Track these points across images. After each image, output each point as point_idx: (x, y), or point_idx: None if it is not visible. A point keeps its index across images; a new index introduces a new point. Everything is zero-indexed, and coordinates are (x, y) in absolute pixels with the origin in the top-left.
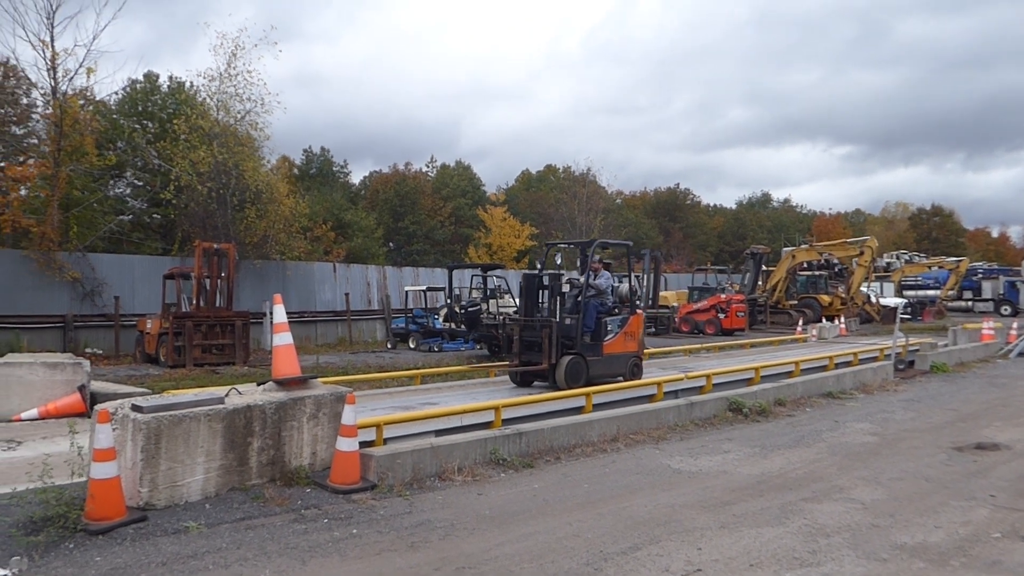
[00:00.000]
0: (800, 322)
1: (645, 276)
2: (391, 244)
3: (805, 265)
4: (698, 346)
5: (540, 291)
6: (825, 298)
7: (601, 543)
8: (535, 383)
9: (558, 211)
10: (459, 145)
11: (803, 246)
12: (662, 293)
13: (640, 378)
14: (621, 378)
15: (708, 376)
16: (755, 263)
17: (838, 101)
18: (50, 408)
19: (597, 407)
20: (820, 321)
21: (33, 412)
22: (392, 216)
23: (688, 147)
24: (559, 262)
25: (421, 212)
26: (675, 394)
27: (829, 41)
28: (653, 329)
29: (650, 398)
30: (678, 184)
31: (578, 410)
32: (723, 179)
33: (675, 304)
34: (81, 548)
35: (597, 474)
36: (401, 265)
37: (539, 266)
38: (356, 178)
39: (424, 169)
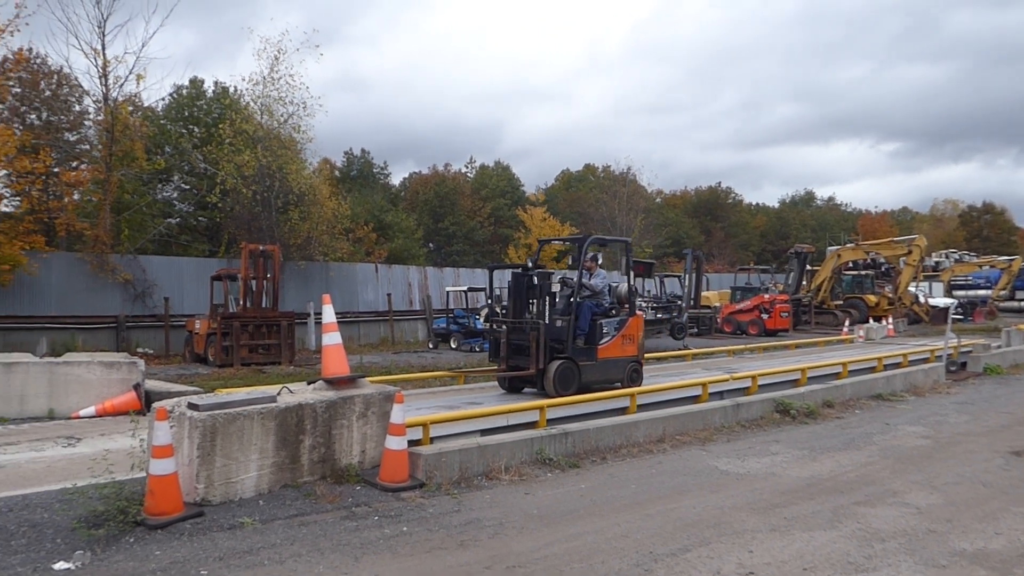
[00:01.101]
0: (846, 323)
1: (687, 276)
2: (431, 245)
3: (851, 264)
4: (742, 347)
5: (529, 291)
6: (872, 298)
7: (650, 544)
8: (524, 389)
9: (598, 211)
10: (500, 146)
11: (849, 245)
12: (704, 293)
13: (640, 384)
14: (619, 384)
15: (754, 377)
16: (799, 262)
17: (886, 96)
18: (107, 406)
19: (642, 407)
20: (867, 322)
21: (91, 410)
22: (432, 217)
23: (732, 145)
24: (599, 261)
25: (460, 213)
26: (720, 395)
27: (877, 35)
28: (695, 329)
29: (695, 399)
30: (719, 183)
31: (622, 410)
32: (767, 177)
33: (717, 304)
34: (141, 542)
35: (644, 475)
36: (441, 266)
37: (530, 264)
38: (396, 179)
39: (463, 170)
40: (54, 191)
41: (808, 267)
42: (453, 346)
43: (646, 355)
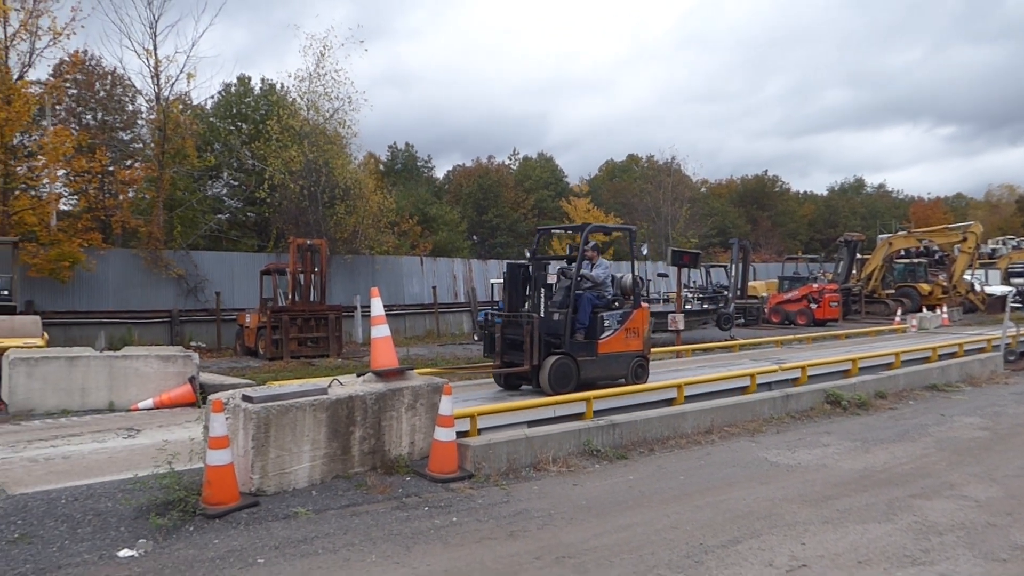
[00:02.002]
0: (898, 312)
1: (733, 266)
2: (475, 237)
3: (903, 253)
4: (790, 337)
5: (526, 283)
6: (924, 287)
7: (700, 535)
8: (522, 387)
9: (642, 201)
10: (545, 138)
11: (901, 232)
12: (751, 283)
13: (645, 381)
14: (623, 381)
15: (803, 368)
16: (849, 251)
17: (942, 79)
18: (164, 398)
19: (689, 399)
20: (919, 311)
21: (149, 402)
22: (475, 209)
23: (781, 133)
24: (645, 252)
25: (504, 205)
26: (769, 386)
27: (932, 17)
28: (742, 320)
29: (743, 390)
30: (766, 171)
31: (669, 402)
32: (816, 165)
33: (764, 294)
34: (200, 531)
35: (692, 466)
36: (485, 258)
37: (528, 254)
38: (440, 172)
39: (507, 162)
40: (110, 189)
41: (858, 256)
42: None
43: (692, 346)
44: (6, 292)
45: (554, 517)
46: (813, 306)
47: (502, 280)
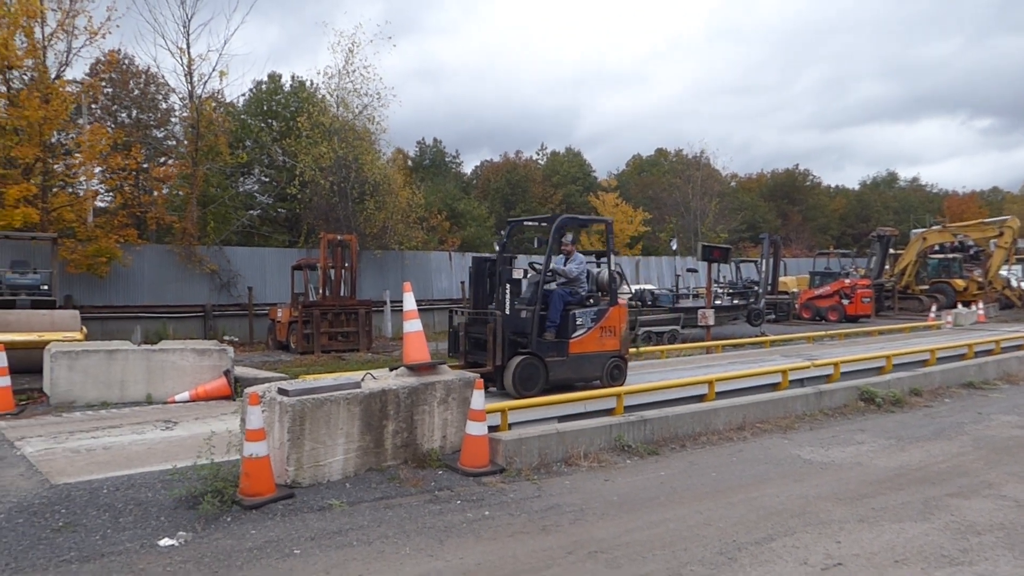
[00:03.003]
0: (933, 308)
1: (764, 261)
2: (503, 232)
3: (937, 248)
4: (821, 333)
5: (492, 278)
6: (959, 283)
7: (733, 532)
8: (489, 388)
9: (671, 195)
10: (575, 132)
11: (935, 227)
12: (781, 278)
13: (623, 383)
14: (598, 383)
15: (836, 364)
16: (882, 246)
17: (980, 70)
18: (200, 391)
19: (720, 395)
20: (954, 307)
21: (185, 395)
22: (503, 205)
23: (814, 126)
24: (674, 247)
25: (532, 200)
26: (801, 383)
27: (971, 6)
28: (773, 316)
29: (775, 386)
30: (797, 165)
31: (700, 398)
32: (850, 159)
33: (795, 290)
34: (238, 521)
35: (724, 463)
36: (514, 253)
37: (497, 248)
38: (467, 168)
39: (534, 157)
40: (144, 186)
41: (891, 251)
42: None
43: (722, 342)
44: (46, 287)
45: (586, 512)
46: (845, 302)
47: (469, 274)
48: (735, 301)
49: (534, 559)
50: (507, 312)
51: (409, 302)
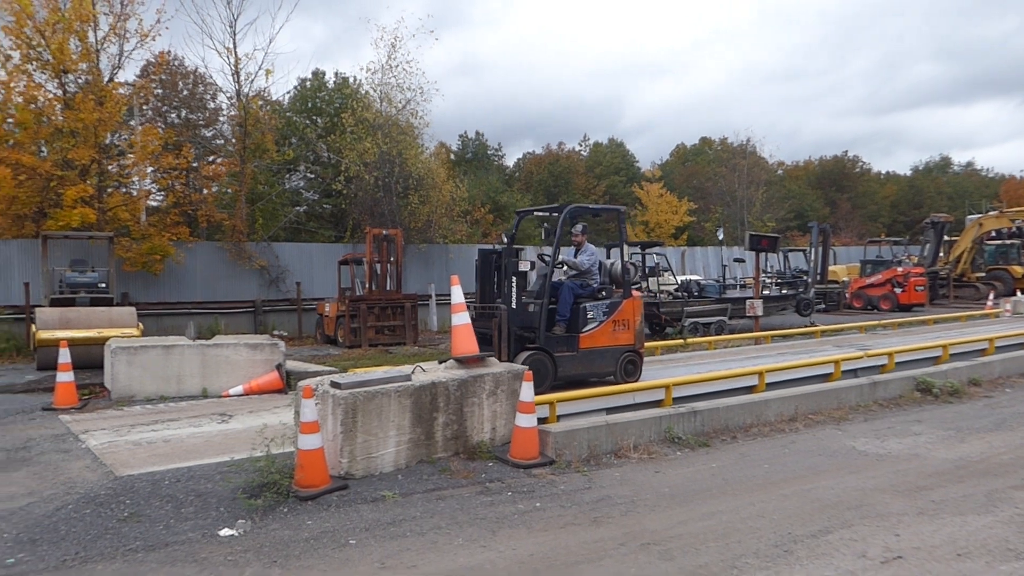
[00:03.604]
0: (990, 296)
1: (813, 250)
2: (546, 225)
3: (994, 234)
4: (874, 323)
5: (498, 271)
6: (1018, 269)
7: (788, 525)
8: None
9: (716, 185)
10: (619, 123)
11: (992, 213)
12: (831, 267)
13: (637, 378)
14: (612, 379)
15: (890, 354)
16: (936, 233)
17: None
18: (253, 385)
19: (771, 386)
20: (1013, 295)
21: (239, 389)
22: (546, 197)
23: (864, 111)
24: (720, 237)
25: (575, 192)
26: (854, 373)
27: None
28: (823, 306)
29: (827, 377)
30: (846, 152)
31: (750, 389)
32: (902, 144)
33: (845, 279)
34: (294, 512)
35: (777, 454)
36: (522, 245)
37: (505, 240)
38: (510, 161)
39: (577, 148)
40: (195, 185)
41: (946, 237)
42: None
43: (771, 332)
44: (103, 284)
45: (637, 504)
46: (898, 291)
47: (476, 267)
48: (784, 291)
49: (587, 550)
50: (513, 306)
51: (457, 295)
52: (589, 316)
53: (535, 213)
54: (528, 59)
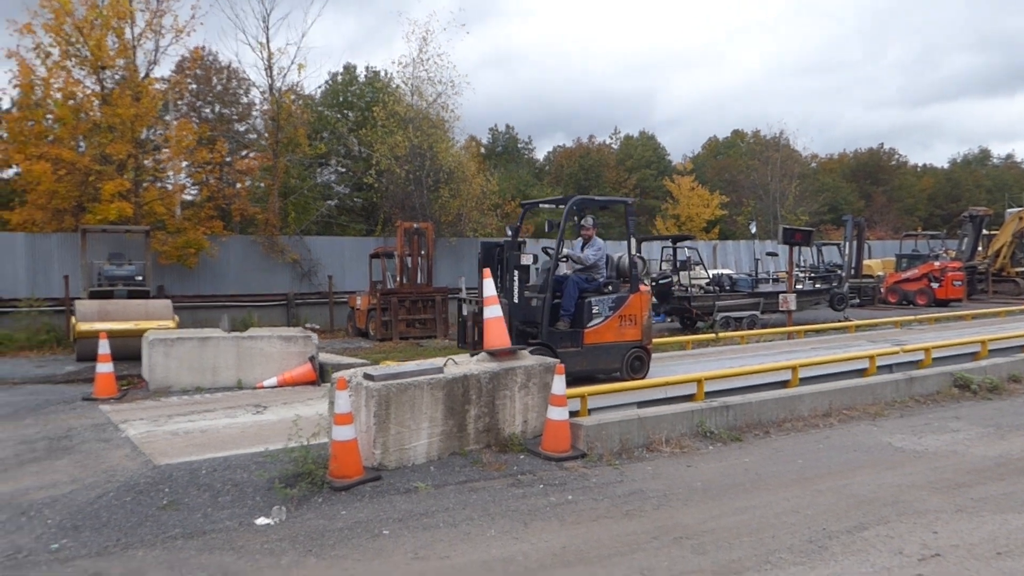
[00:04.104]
0: None
1: (847, 244)
2: (576, 218)
3: None
4: (909, 317)
5: (502, 264)
6: None
7: (823, 520)
8: None
9: (748, 178)
10: (651, 115)
11: None
12: (866, 261)
13: (644, 375)
14: (617, 375)
15: (927, 349)
16: (974, 227)
17: None
18: (286, 377)
19: (804, 381)
20: None
21: (273, 380)
22: (577, 190)
23: (901, 103)
24: (753, 231)
25: (605, 185)
26: (890, 368)
27: None
28: (857, 300)
29: (861, 372)
30: (881, 144)
31: (783, 384)
32: (939, 136)
33: (880, 273)
34: (328, 502)
35: (811, 450)
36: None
37: (509, 233)
38: (540, 154)
39: (608, 141)
40: (228, 179)
41: (984, 231)
42: None
43: (804, 327)
44: (140, 278)
45: (669, 498)
46: (934, 285)
47: (478, 260)
48: (817, 285)
49: (619, 544)
50: (515, 300)
51: (488, 288)
52: (594, 311)
53: (541, 205)
54: (560, 51)
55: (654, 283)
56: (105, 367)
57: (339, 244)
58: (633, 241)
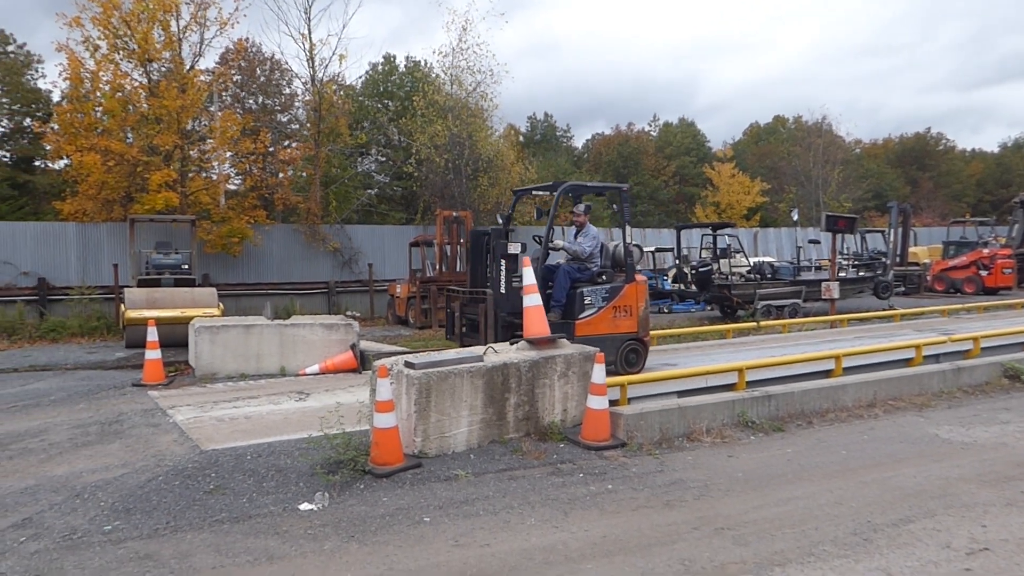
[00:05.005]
0: None
1: (892, 231)
2: (615, 206)
3: None
4: (957, 306)
5: (490, 254)
6: None
7: (867, 513)
8: None
9: (790, 164)
10: (692, 102)
11: None
12: (911, 249)
13: (640, 368)
14: (612, 367)
15: (976, 339)
16: None
17: None
18: (328, 364)
19: (848, 370)
20: None
21: (315, 368)
22: (615, 178)
23: (952, 86)
24: (795, 218)
25: (644, 172)
26: (936, 358)
27: None
28: (902, 288)
29: (907, 362)
30: (928, 129)
31: (826, 373)
32: (991, 120)
33: (927, 261)
34: (370, 489)
35: (855, 441)
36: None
37: (500, 220)
38: (578, 142)
39: (646, 129)
40: (271, 169)
41: None
42: None
43: (848, 316)
44: (186, 266)
45: (710, 488)
46: (983, 273)
47: (467, 249)
48: (861, 273)
49: (659, 533)
50: (502, 291)
51: (528, 276)
52: (587, 302)
53: (534, 192)
54: (601, 39)
55: (694, 271)
56: (153, 354)
57: (379, 233)
58: (628, 229)
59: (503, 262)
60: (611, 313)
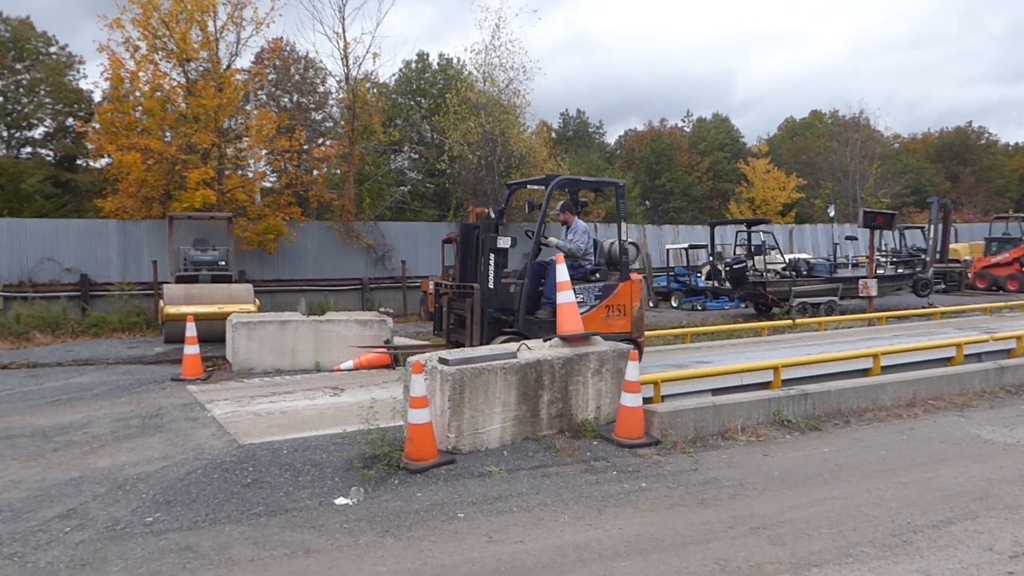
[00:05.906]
0: None
1: (932, 227)
2: (647, 203)
3: None
4: (1000, 304)
5: (477, 247)
6: None
7: (907, 514)
8: None
9: (827, 159)
10: (727, 97)
11: None
12: (952, 245)
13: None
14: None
15: (1019, 337)
16: None
17: None
18: (362, 360)
19: (886, 369)
20: None
21: (349, 363)
22: (648, 174)
23: (996, 79)
24: (832, 214)
25: (677, 169)
26: (978, 357)
27: None
28: (942, 286)
29: (947, 361)
30: (970, 123)
31: (864, 372)
32: None
33: (968, 258)
34: (404, 484)
35: (894, 441)
36: (659, 223)
37: (492, 214)
38: (611, 138)
39: (680, 124)
40: (306, 166)
41: None
42: (674, 304)
43: (886, 314)
44: (223, 263)
45: (745, 487)
46: None
47: (456, 243)
48: (900, 270)
49: (694, 532)
50: (490, 286)
51: (562, 274)
52: (578, 300)
53: (528, 186)
54: (635, 35)
55: (728, 268)
56: (192, 349)
57: (412, 229)
58: (624, 226)
59: (492, 256)
60: (604, 312)
